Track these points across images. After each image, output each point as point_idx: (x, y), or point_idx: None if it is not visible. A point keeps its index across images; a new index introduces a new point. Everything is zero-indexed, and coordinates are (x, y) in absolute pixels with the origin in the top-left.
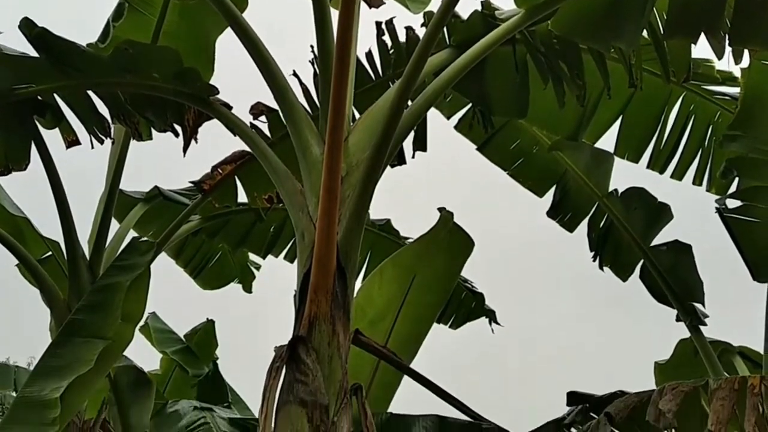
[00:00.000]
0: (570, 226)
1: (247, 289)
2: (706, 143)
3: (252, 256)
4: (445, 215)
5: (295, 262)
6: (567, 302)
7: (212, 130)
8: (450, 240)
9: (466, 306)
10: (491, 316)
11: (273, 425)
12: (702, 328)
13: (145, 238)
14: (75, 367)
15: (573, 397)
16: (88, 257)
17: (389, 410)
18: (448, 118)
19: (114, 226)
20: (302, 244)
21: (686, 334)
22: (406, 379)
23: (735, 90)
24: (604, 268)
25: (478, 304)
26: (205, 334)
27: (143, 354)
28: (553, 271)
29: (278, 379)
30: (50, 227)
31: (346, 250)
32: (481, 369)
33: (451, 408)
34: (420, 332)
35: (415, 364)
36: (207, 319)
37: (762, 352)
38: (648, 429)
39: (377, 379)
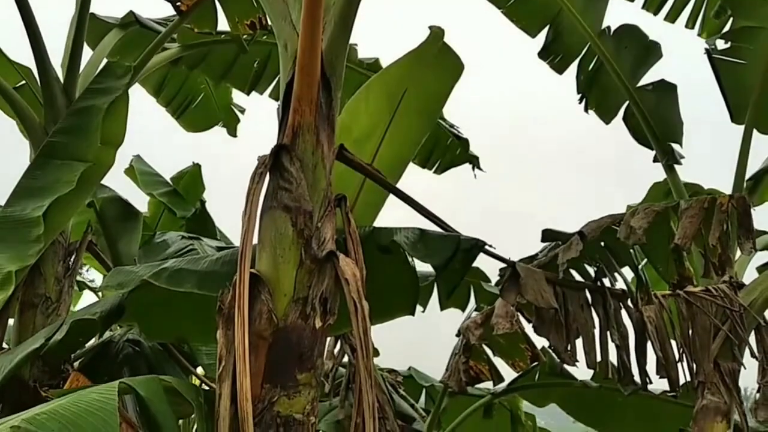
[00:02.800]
0: (560, 68)
1: (232, 132)
2: None
3: (236, 97)
4: (436, 31)
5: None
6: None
7: None
8: (439, 59)
9: (451, 152)
10: (475, 162)
11: (257, 228)
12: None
13: None
14: (56, 187)
15: (547, 235)
16: (62, 81)
17: None
18: None
19: (87, 53)
20: (285, 56)
21: None
22: (389, 210)
23: None
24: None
25: (463, 150)
26: (192, 178)
27: (129, 198)
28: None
29: (262, 184)
30: (19, 53)
31: (330, 60)
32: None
33: None
34: (406, 156)
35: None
36: (193, 162)
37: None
38: (618, 250)
39: (362, 199)
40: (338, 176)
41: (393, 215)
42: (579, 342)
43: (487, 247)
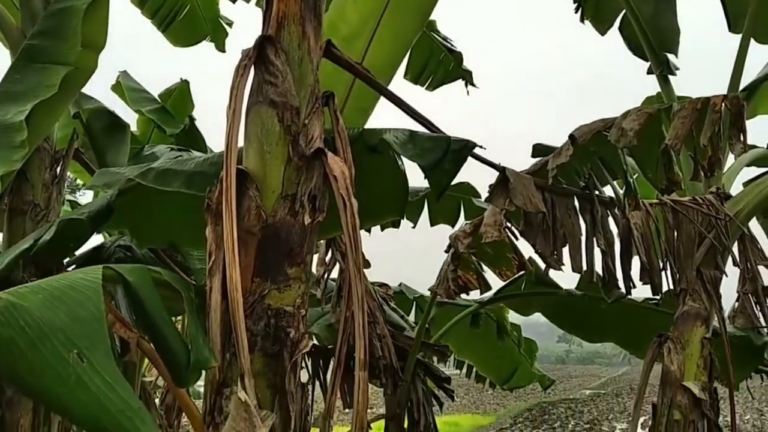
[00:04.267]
0: None
1: (220, 47)
2: None
3: (223, 10)
4: None
5: None
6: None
7: None
8: None
9: (444, 66)
10: (468, 78)
11: (243, 125)
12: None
13: None
14: (37, 92)
15: (538, 150)
16: None
17: None
18: None
19: None
20: None
21: None
22: (378, 118)
23: None
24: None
25: (456, 65)
26: (180, 95)
27: None
28: None
29: (246, 77)
30: None
31: None
32: None
33: None
34: (396, 57)
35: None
36: (181, 79)
37: None
38: (609, 157)
39: (350, 104)
40: (326, 77)
41: (382, 123)
42: (565, 251)
43: (477, 149)
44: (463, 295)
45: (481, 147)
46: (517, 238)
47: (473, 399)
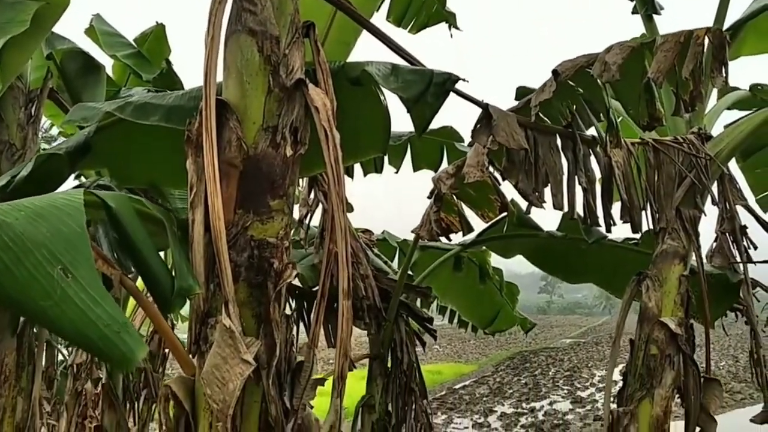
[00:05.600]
0: None
1: None
2: None
3: None
4: None
5: None
6: None
7: None
8: None
9: (427, 8)
10: (451, 21)
11: (222, 55)
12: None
13: None
14: (8, 28)
15: (521, 92)
16: None
17: None
18: None
19: None
20: None
21: None
22: (360, 54)
23: None
24: None
25: (440, 7)
26: (156, 39)
27: None
28: None
29: (224, 4)
30: None
31: None
32: None
33: None
34: None
35: None
36: (156, 22)
37: None
38: (591, 95)
39: (332, 37)
40: (306, 10)
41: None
42: (547, 191)
43: (461, 82)
44: (446, 241)
45: (464, 80)
46: (500, 183)
47: (456, 349)
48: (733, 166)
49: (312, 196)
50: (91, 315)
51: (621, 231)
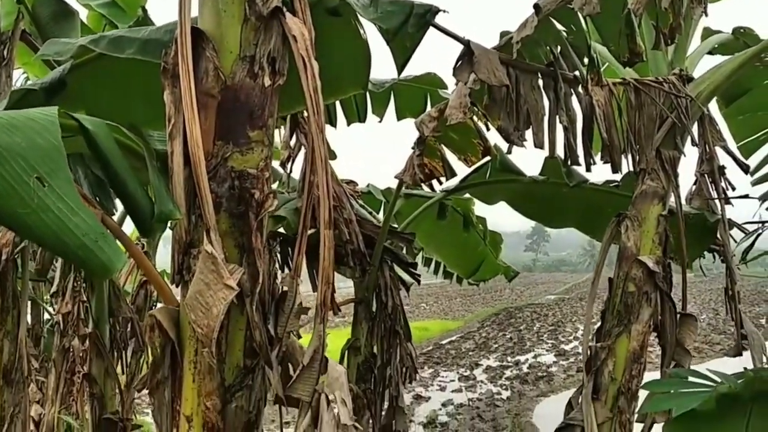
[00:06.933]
0: None
1: None
2: None
3: None
4: None
5: None
6: None
7: None
8: None
9: None
10: None
11: None
12: None
13: None
14: None
15: (505, 35)
16: None
17: None
18: None
19: None
20: None
21: None
22: None
23: None
24: None
25: None
26: None
27: None
28: None
29: None
30: None
31: None
32: None
33: None
34: None
35: None
36: None
37: None
38: (573, 32)
39: None
40: None
41: None
42: (528, 133)
43: (442, 13)
44: (428, 189)
45: (444, 11)
46: (487, 129)
47: (442, 307)
48: (717, 114)
49: (294, 140)
50: (68, 223)
51: (602, 174)
